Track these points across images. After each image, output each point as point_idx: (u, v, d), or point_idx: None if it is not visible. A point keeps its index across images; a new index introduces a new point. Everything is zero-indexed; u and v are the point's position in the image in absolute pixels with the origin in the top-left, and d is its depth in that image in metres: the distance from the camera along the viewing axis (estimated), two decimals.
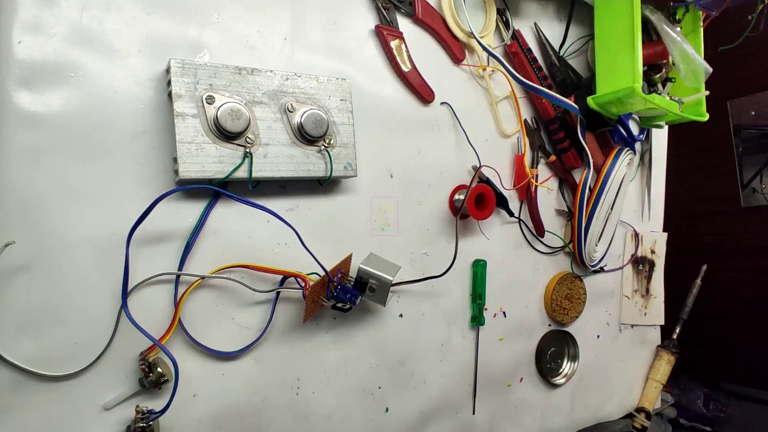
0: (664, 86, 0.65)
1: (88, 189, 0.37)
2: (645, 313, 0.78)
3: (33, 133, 0.35)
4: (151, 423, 0.38)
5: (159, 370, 0.39)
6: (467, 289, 0.59)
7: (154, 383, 0.39)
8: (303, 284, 0.44)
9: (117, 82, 0.38)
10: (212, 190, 0.41)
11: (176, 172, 0.38)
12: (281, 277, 0.45)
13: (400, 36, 0.52)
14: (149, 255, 0.40)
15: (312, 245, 0.47)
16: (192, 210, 0.41)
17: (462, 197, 0.55)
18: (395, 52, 0.51)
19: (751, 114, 1.11)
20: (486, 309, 0.59)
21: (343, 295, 0.45)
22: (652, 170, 0.78)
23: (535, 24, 0.63)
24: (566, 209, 0.67)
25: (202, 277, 0.42)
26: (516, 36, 0.61)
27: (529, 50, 0.62)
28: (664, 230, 0.81)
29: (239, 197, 0.41)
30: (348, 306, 0.46)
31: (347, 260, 0.47)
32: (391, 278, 0.47)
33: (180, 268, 0.41)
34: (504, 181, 0.61)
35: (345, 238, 0.49)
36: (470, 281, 0.59)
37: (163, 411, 0.38)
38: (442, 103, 0.55)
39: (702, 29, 0.65)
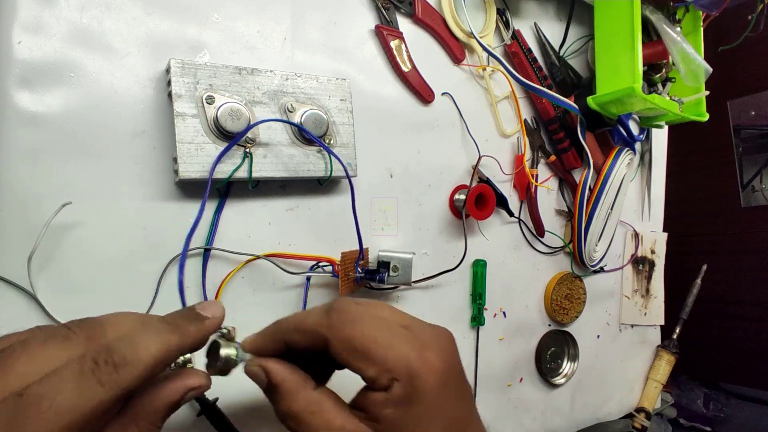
0: (664, 86, 0.65)
1: (87, 189, 0.37)
2: (645, 313, 0.78)
3: (33, 133, 0.35)
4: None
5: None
6: (467, 289, 0.59)
7: (179, 365, 0.39)
8: (333, 267, 0.46)
9: (117, 82, 0.38)
10: (215, 190, 0.42)
11: (176, 172, 0.38)
12: (310, 265, 0.46)
13: (400, 36, 0.52)
14: (150, 255, 0.40)
15: (312, 245, 0.47)
16: (192, 210, 0.41)
17: (462, 197, 0.55)
18: (395, 52, 0.51)
19: (751, 114, 1.11)
20: (486, 309, 0.59)
21: (371, 274, 0.47)
22: (652, 170, 0.78)
23: (535, 24, 0.63)
24: (566, 209, 0.67)
25: (257, 257, 0.43)
26: (516, 36, 0.61)
27: (529, 50, 0.62)
28: (664, 230, 0.81)
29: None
30: (377, 280, 0.47)
31: (366, 251, 0.48)
32: (411, 256, 0.48)
33: (203, 272, 0.41)
34: (504, 167, 0.61)
35: (345, 238, 0.49)
36: (470, 281, 0.59)
37: None
38: (443, 94, 0.56)
39: (702, 29, 0.65)
